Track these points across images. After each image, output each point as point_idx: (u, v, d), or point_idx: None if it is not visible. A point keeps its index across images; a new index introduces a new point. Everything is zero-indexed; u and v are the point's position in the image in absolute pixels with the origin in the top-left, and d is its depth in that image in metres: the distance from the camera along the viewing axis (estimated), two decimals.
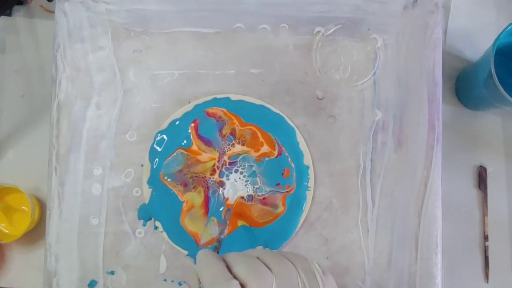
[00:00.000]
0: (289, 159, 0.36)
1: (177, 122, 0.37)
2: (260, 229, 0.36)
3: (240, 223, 0.36)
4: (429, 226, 0.34)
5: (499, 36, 0.34)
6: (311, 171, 0.36)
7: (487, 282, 0.39)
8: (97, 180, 0.37)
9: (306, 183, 0.36)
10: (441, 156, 0.35)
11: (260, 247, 0.32)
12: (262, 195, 0.36)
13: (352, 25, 0.36)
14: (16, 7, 0.43)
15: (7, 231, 0.40)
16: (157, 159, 0.36)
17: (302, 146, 0.36)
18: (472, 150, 0.40)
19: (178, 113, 0.37)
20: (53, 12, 0.39)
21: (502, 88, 0.34)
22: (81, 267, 0.36)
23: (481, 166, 0.40)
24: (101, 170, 0.37)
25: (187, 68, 0.37)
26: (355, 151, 0.36)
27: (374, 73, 0.37)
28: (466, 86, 0.39)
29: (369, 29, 0.36)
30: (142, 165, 0.37)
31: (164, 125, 0.37)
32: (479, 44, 0.40)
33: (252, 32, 0.37)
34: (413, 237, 0.35)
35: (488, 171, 0.40)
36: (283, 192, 0.36)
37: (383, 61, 0.36)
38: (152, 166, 0.36)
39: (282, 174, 0.36)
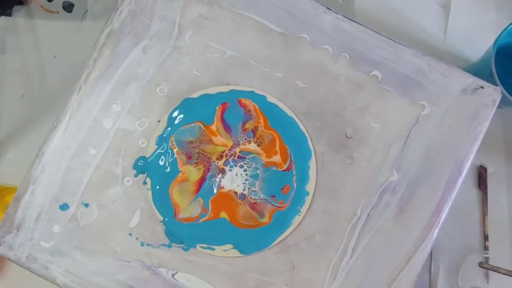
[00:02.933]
0: (294, 178, 0.40)
1: (208, 97, 0.40)
2: (238, 229, 0.39)
3: (222, 215, 0.40)
4: None
5: (499, 36, 0.37)
6: (308, 199, 0.39)
7: (487, 282, 0.42)
8: (111, 116, 0.41)
9: (299, 208, 0.40)
10: (434, 240, 0.38)
11: None
12: (255, 199, 0.40)
13: (408, 84, 0.40)
14: (16, 7, 0.46)
15: None
16: (175, 121, 0.40)
17: (312, 172, 0.40)
18: None
19: (213, 90, 0.40)
20: (53, 12, 0.44)
21: (503, 88, 0.36)
22: (61, 187, 0.40)
23: (481, 166, 0.44)
24: (120, 108, 0.41)
25: (240, 53, 0.41)
26: (358, 199, 0.40)
27: (407, 137, 0.40)
28: None
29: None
30: (158, 121, 0.40)
31: (196, 95, 0.40)
32: (479, 44, 0.43)
33: (314, 48, 0.41)
34: None
35: (488, 171, 0.44)
36: (275, 206, 0.40)
37: (421, 130, 0.40)
38: (167, 126, 0.40)
39: (282, 189, 0.40)
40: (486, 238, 0.44)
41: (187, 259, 0.40)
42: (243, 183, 0.40)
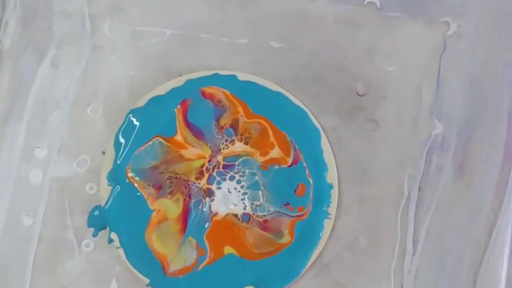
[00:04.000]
0: (307, 171, 0.35)
1: (159, 100, 0.35)
2: (254, 262, 0.34)
3: (227, 250, 0.34)
4: None
5: None
6: (334, 193, 0.35)
7: None
8: (38, 165, 0.35)
9: (325, 208, 0.35)
10: None
11: None
12: (263, 216, 0.34)
13: (418, 1, 0.35)
14: None
15: None
16: (125, 147, 0.35)
17: (327, 156, 0.35)
18: None
19: (163, 88, 0.35)
20: None
21: None
22: (2, 281, 0.34)
23: None
24: (46, 152, 0.35)
25: (183, 29, 0.36)
26: (399, 173, 0.35)
27: (439, 71, 0.35)
28: None
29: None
30: (103, 153, 0.35)
31: (142, 102, 0.35)
32: None
33: None
34: None
35: None
36: (293, 216, 0.34)
37: (453, 56, 0.35)
38: (116, 156, 0.35)
39: (295, 191, 0.35)
40: None
41: None
42: (242, 200, 0.34)
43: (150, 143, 0.34)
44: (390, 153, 0.35)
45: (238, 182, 0.34)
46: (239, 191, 0.34)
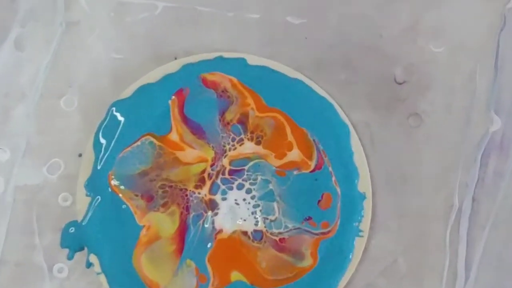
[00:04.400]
0: (334, 178, 0.31)
1: (149, 90, 0.32)
2: None
3: (235, 276, 0.31)
4: None
5: None
6: (368, 205, 0.31)
7: None
8: None
9: (357, 224, 0.31)
10: None
11: None
12: (280, 233, 0.31)
13: None
14: None
15: None
16: (107, 148, 0.32)
17: (359, 159, 0.32)
18: None
19: (154, 75, 0.33)
20: None
21: None
22: None
23: None
24: (8, 154, 0.33)
25: (179, 0, 0.33)
26: (448, 180, 0.32)
27: (497, 52, 0.32)
28: None
29: None
30: (80, 155, 0.33)
31: (128, 91, 0.32)
32: None
33: None
34: None
35: None
36: (316, 234, 0.31)
37: None
38: (96, 159, 0.32)
39: (319, 202, 0.31)
40: None
41: None
42: (253, 213, 0.31)
43: (138, 143, 0.32)
44: (437, 155, 0.32)
45: (248, 191, 0.31)
46: (249, 203, 0.32)
